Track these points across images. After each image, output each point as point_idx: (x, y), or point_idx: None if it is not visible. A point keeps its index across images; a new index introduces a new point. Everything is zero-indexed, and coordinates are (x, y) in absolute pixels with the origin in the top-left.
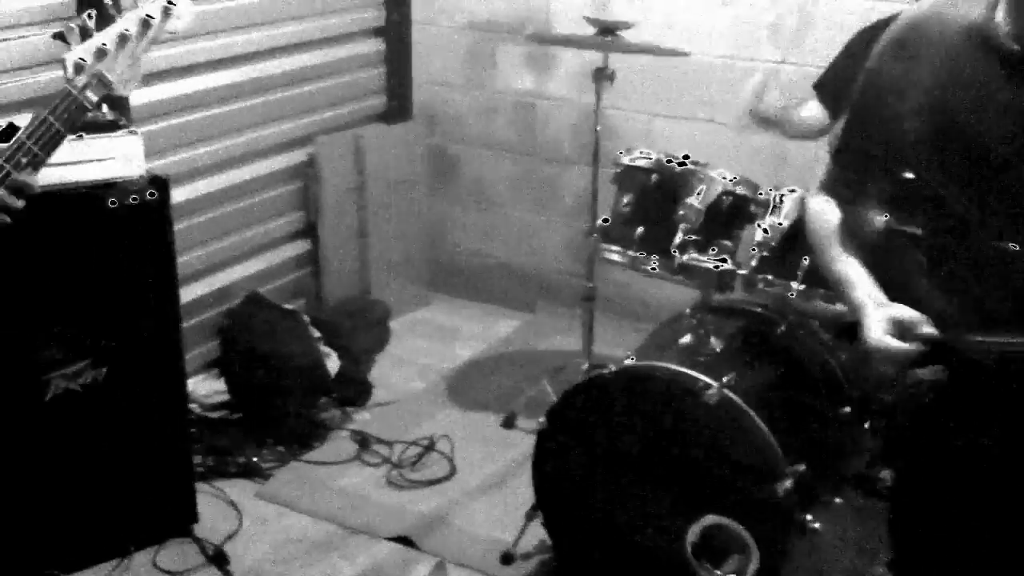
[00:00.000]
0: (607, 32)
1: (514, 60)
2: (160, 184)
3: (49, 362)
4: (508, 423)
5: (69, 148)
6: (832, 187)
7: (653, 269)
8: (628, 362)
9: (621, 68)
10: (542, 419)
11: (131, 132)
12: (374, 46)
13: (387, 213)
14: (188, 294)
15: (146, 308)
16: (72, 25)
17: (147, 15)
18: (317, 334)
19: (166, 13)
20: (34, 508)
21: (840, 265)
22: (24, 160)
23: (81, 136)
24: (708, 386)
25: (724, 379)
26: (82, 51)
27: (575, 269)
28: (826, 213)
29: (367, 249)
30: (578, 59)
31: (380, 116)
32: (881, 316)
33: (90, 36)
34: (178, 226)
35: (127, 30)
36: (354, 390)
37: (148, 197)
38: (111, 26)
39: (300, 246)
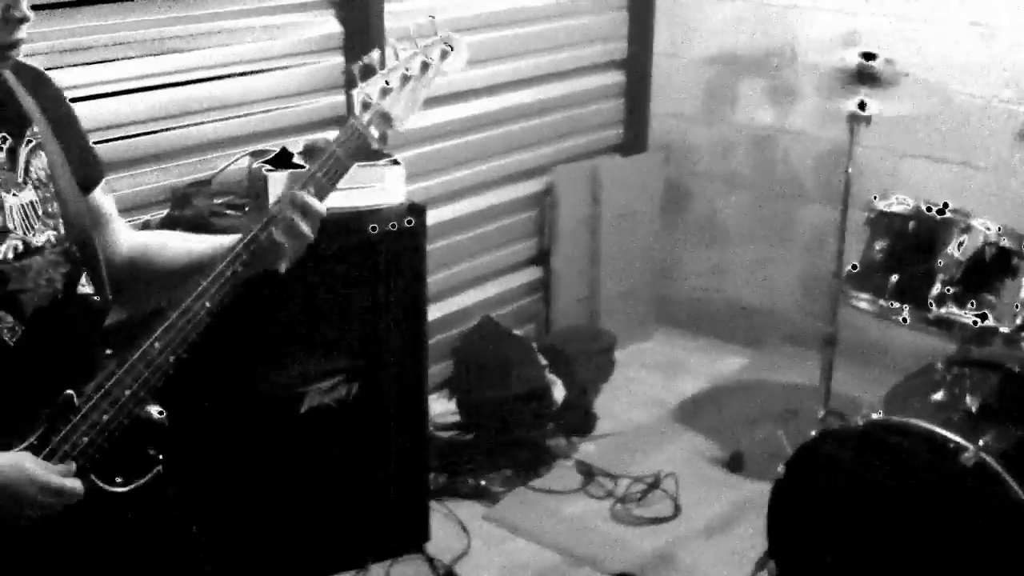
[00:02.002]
0: (866, 78)
1: (756, 93)
2: (418, 211)
3: (306, 376)
4: (735, 465)
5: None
6: None
7: (904, 320)
8: (876, 416)
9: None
10: (780, 468)
11: (394, 162)
12: (615, 78)
13: (618, 243)
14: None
15: (395, 329)
16: (359, 64)
17: (426, 58)
18: (544, 361)
19: (443, 56)
20: (282, 516)
21: None
22: (313, 190)
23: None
24: (964, 448)
25: (981, 441)
26: (369, 89)
27: (808, 308)
28: None
29: (597, 278)
30: (823, 93)
31: (616, 147)
32: None
33: (374, 75)
34: None
35: (408, 70)
36: (579, 419)
37: (406, 224)
38: (394, 66)
39: (532, 272)
